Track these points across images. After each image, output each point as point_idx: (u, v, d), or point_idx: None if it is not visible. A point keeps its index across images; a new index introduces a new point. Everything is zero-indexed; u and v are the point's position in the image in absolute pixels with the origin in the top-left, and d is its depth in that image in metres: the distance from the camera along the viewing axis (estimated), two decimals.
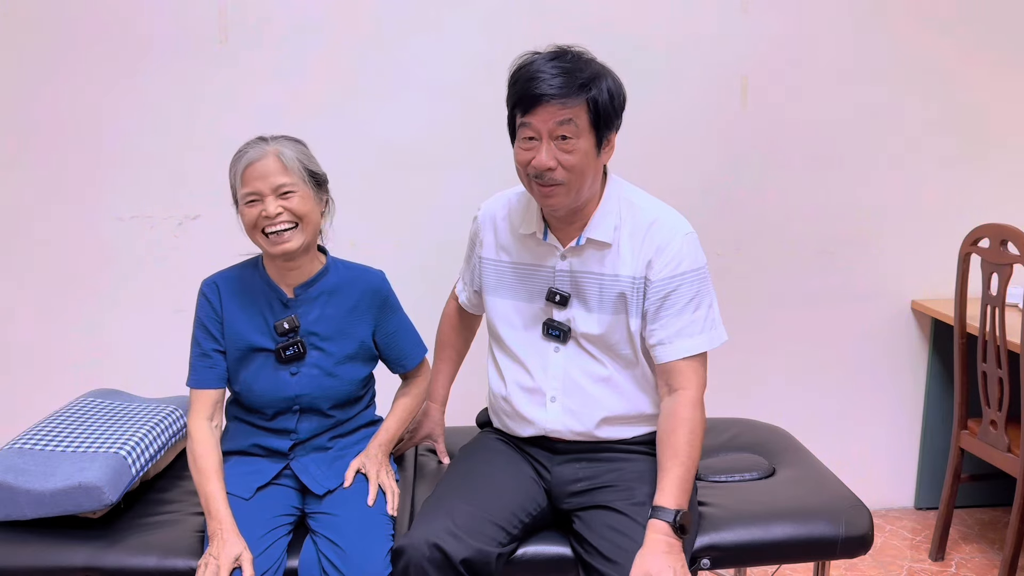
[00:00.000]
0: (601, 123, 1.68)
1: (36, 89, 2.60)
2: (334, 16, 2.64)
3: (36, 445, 1.83)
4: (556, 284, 1.81)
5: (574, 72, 1.65)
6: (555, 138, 1.67)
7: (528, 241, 1.84)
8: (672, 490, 1.66)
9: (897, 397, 3.04)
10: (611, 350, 1.80)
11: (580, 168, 1.68)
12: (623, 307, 1.78)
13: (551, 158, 1.67)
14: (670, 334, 1.75)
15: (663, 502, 1.65)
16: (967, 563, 2.76)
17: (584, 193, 1.73)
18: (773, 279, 2.92)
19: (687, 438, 1.70)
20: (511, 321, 1.87)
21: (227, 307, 1.84)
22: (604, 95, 1.67)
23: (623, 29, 2.72)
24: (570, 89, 1.64)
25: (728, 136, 2.83)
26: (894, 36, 2.83)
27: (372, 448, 1.88)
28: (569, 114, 1.65)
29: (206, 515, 1.71)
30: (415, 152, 2.72)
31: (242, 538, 1.65)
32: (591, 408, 1.81)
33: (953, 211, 2.93)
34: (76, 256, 2.69)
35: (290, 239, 1.75)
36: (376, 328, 1.91)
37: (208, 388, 1.83)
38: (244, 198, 1.75)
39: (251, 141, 1.79)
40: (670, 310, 1.75)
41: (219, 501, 1.70)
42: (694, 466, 1.71)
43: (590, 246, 1.78)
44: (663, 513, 1.64)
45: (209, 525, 1.69)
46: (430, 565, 1.60)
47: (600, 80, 1.67)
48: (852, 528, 1.81)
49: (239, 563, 1.61)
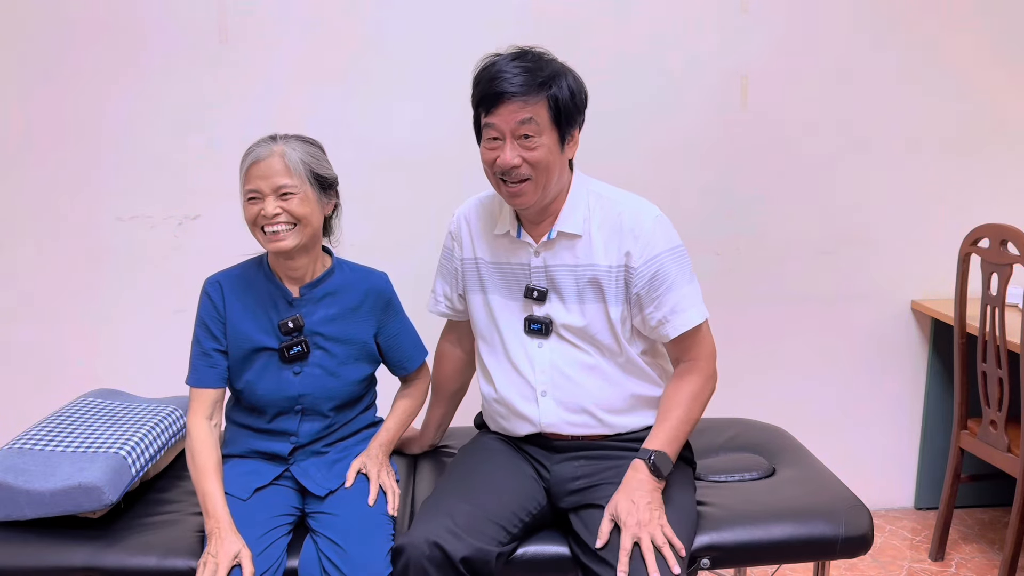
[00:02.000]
0: (562, 120, 1.73)
1: (36, 89, 2.60)
2: (334, 16, 2.64)
3: (36, 445, 1.83)
4: (533, 281, 1.84)
5: (534, 71, 1.70)
6: (518, 136, 1.71)
7: (503, 240, 1.88)
8: (658, 434, 1.76)
9: (897, 397, 3.04)
10: (593, 339, 1.83)
11: (544, 164, 1.73)
12: (600, 296, 1.81)
13: (515, 156, 1.72)
14: (666, 312, 1.80)
15: (646, 443, 1.74)
16: (967, 563, 2.76)
17: (551, 189, 1.77)
18: (773, 279, 2.92)
19: (689, 400, 1.79)
20: (495, 318, 1.89)
21: (231, 305, 1.84)
22: (564, 92, 1.72)
23: (623, 29, 2.72)
24: (530, 87, 1.69)
25: (728, 136, 2.83)
26: (894, 36, 2.83)
27: (373, 448, 1.89)
28: (530, 112, 1.70)
29: (204, 514, 1.71)
30: (415, 152, 2.72)
31: (240, 536, 1.65)
32: (582, 397, 1.83)
33: (953, 211, 2.93)
34: (76, 256, 2.69)
35: (285, 238, 1.76)
36: (379, 330, 1.92)
37: (208, 387, 1.83)
38: (246, 194, 1.77)
39: (262, 139, 1.80)
40: (659, 289, 1.79)
41: (217, 499, 1.70)
42: (687, 424, 1.78)
43: (561, 239, 1.82)
44: (642, 452, 1.73)
45: (207, 524, 1.68)
46: (430, 564, 1.60)
47: (560, 78, 1.72)
48: (852, 528, 1.81)
49: (238, 560, 1.61)
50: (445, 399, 2.13)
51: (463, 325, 2.04)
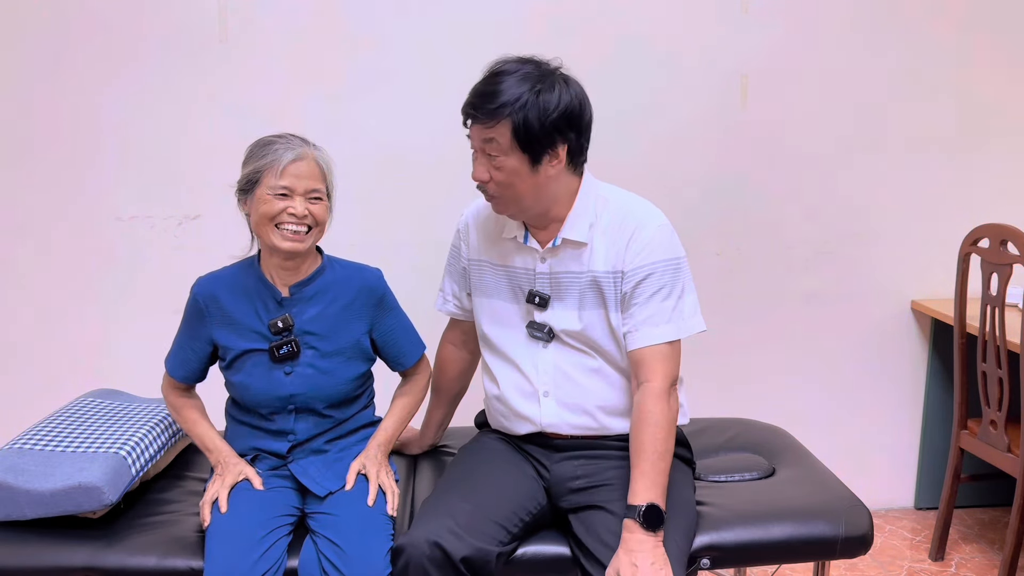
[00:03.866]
0: (529, 143, 1.68)
1: (36, 89, 2.60)
2: (335, 15, 2.64)
3: (36, 445, 1.83)
4: (536, 286, 1.83)
5: (494, 95, 1.67)
6: (486, 153, 1.71)
7: (509, 244, 1.87)
8: (636, 487, 1.67)
9: (897, 397, 3.04)
10: (594, 344, 1.82)
11: (509, 183, 1.71)
12: (601, 302, 1.79)
13: (484, 171, 1.73)
14: (637, 322, 1.76)
15: (631, 500, 1.67)
16: (967, 563, 2.76)
17: (528, 204, 1.75)
18: (773, 279, 2.92)
19: (651, 432, 1.70)
20: (499, 321, 1.89)
21: (220, 307, 1.84)
22: (525, 117, 1.66)
23: (623, 29, 2.72)
24: (483, 112, 1.68)
25: (728, 136, 2.83)
26: (894, 36, 2.83)
27: (372, 449, 1.88)
28: (492, 133, 1.69)
29: (205, 452, 1.87)
30: (415, 152, 2.72)
31: (245, 461, 1.83)
32: (584, 399, 1.82)
33: (953, 211, 2.93)
34: (76, 256, 2.69)
35: (305, 240, 1.77)
36: (373, 326, 1.91)
37: (178, 380, 1.91)
38: (276, 189, 1.74)
39: (287, 137, 1.80)
40: (639, 298, 1.76)
41: (213, 436, 1.87)
42: (660, 459, 1.69)
43: (566, 246, 1.80)
44: (629, 511, 1.66)
45: (210, 458, 1.86)
46: (430, 564, 1.60)
47: (520, 103, 1.65)
48: (852, 528, 1.81)
49: (243, 476, 1.79)
50: (447, 402, 2.13)
51: (468, 325, 2.03)
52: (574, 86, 1.74)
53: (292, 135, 1.81)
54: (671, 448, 1.72)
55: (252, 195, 1.77)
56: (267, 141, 1.79)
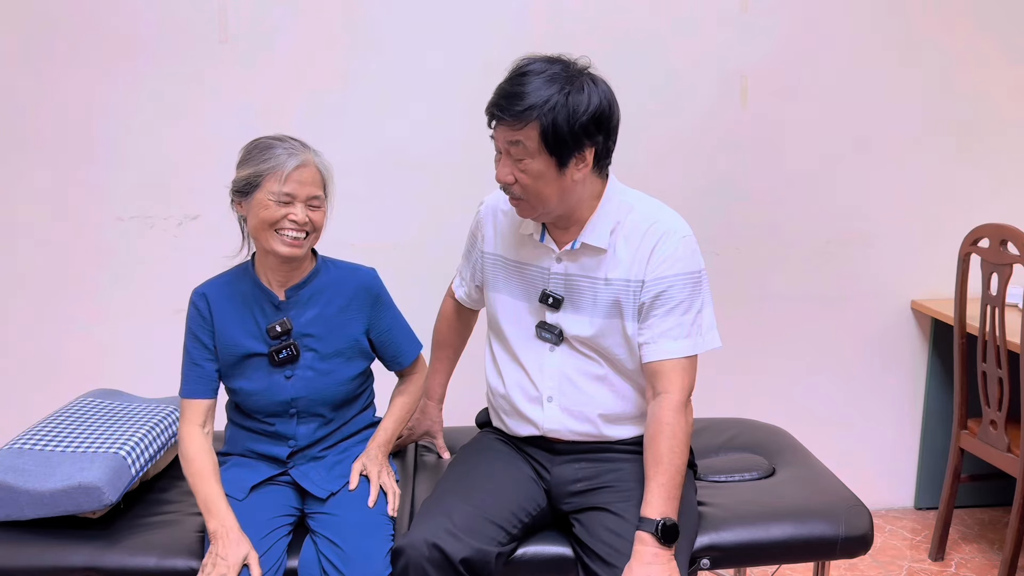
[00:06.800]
0: (556, 145, 1.64)
1: (36, 89, 2.60)
2: (335, 15, 2.64)
3: (36, 445, 1.83)
4: (550, 286, 1.81)
5: (522, 96, 1.62)
6: (511, 155, 1.68)
7: (526, 240, 1.84)
8: (653, 500, 1.65)
9: (897, 397, 3.04)
10: (605, 352, 1.80)
11: (534, 187, 1.68)
12: (618, 311, 1.77)
13: (508, 173, 1.69)
14: (655, 334, 1.73)
15: (646, 512, 1.64)
16: (967, 563, 2.76)
17: (553, 207, 1.72)
18: (773, 279, 2.92)
19: (668, 444, 1.68)
20: (509, 317, 1.87)
21: (218, 315, 1.83)
22: (554, 120, 1.62)
23: (623, 29, 2.72)
24: (510, 113, 1.63)
25: (728, 136, 2.83)
26: (894, 36, 2.83)
27: (371, 449, 1.88)
28: (519, 136, 1.65)
29: (206, 516, 1.70)
30: (415, 152, 2.72)
31: (247, 537, 1.66)
32: (588, 406, 1.81)
33: (953, 211, 2.93)
34: (76, 256, 2.69)
35: (303, 245, 1.77)
36: (370, 326, 1.91)
37: (199, 398, 1.83)
38: (279, 196, 1.73)
39: (287, 140, 1.78)
40: (659, 310, 1.73)
41: (220, 501, 1.71)
42: (678, 472, 1.68)
43: (585, 250, 1.77)
44: (646, 524, 1.63)
45: (210, 525, 1.68)
46: (430, 565, 1.60)
47: (549, 105, 1.61)
48: (852, 528, 1.81)
49: (246, 562, 1.62)
50: (447, 358, 2.13)
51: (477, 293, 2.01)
52: (602, 87, 1.70)
53: (291, 138, 1.79)
54: (687, 462, 1.72)
55: (250, 198, 1.75)
56: (267, 144, 1.77)
